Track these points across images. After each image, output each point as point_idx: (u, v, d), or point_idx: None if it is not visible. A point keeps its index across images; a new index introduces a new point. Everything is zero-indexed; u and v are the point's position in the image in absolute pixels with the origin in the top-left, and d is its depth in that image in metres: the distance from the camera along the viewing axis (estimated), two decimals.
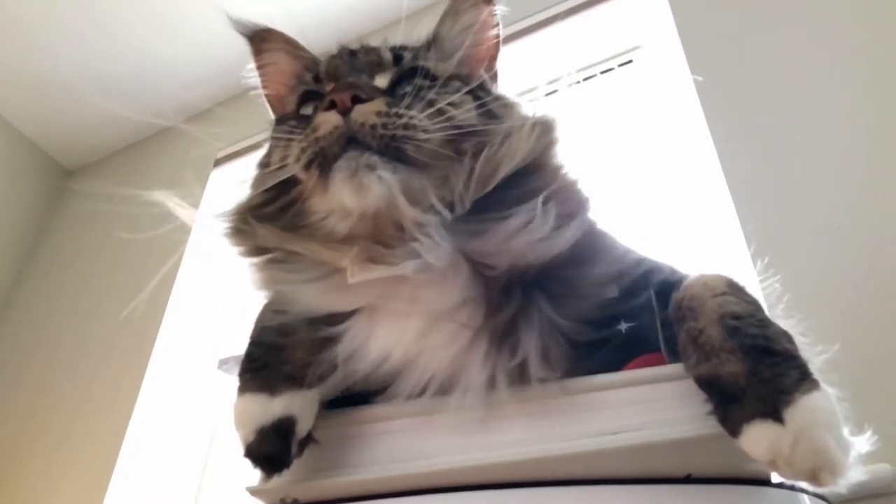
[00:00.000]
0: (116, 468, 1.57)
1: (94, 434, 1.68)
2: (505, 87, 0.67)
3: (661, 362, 0.50)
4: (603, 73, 1.77)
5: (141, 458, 1.61)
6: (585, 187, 0.57)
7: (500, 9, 0.67)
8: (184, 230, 0.70)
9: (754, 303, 0.46)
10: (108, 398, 1.73)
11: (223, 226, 0.59)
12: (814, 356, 0.43)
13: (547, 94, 0.65)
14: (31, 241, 2.29)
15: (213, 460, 1.67)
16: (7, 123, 2.26)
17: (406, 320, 0.51)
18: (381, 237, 0.53)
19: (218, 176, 2.01)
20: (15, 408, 1.89)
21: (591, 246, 0.54)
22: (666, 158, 1.41)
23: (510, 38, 1.53)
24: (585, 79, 1.75)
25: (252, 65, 0.71)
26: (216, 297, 1.84)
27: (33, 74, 2.10)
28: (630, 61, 1.76)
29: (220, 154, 1.99)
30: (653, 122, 1.54)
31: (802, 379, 0.40)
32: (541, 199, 0.51)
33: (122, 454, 1.59)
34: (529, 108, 0.61)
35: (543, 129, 0.57)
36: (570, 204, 0.54)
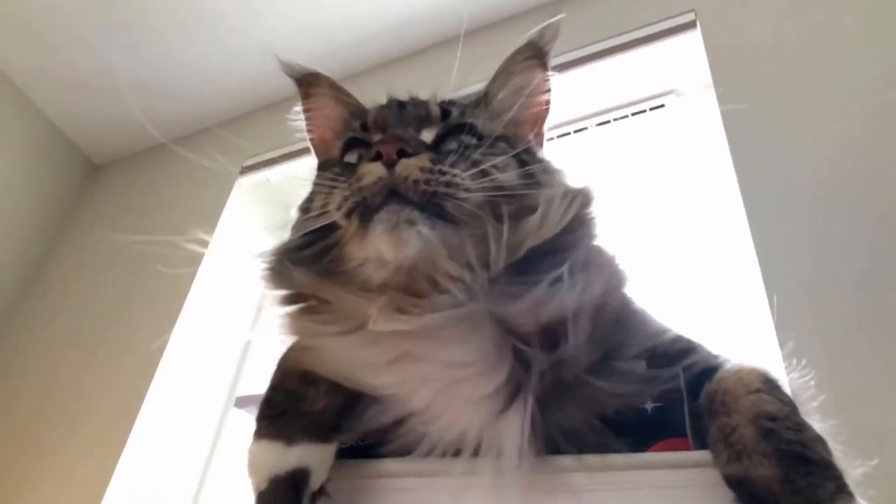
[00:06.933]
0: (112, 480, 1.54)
1: (93, 440, 1.64)
2: (550, 150, 0.67)
3: (685, 447, 0.49)
4: (634, 114, 1.77)
5: (138, 478, 1.58)
6: (622, 263, 0.57)
7: (552, 75, 0.67)
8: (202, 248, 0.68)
9: (791, 403, 0.45)
10: (113, 401, 1.69)
11: (261, 266, 0.60)
12: (850, 467, 0.42)
13: (576, 132, 0.65)
14: (54, 233, 2.29)
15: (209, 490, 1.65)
16: (39, 111, 2.27)
17: (431, 375, 0.51)
18: (414, 289, 0.53)
19: (244, 183, 2.02)
20: (17, 404, 1.87)
21: (626, 321, 0.54)
22: (694, 210, 1.40)
23: None
24: (616, 119, 1.76)
25: (298, 107, 0.72)
26: (230, 313, 1.84)
27: (71, 67, 2.12)
28: (662, 105, 1.76)
29: (248, 162, 2.00)
30: (682, 171, 1.53)
31: (839, 492, 0.39)
32: (566, 266, 0.51)
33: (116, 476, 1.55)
34: (571, 176, 0.61)
35: (582, 202, 0.57)
36: (603, 278, 0.53)
